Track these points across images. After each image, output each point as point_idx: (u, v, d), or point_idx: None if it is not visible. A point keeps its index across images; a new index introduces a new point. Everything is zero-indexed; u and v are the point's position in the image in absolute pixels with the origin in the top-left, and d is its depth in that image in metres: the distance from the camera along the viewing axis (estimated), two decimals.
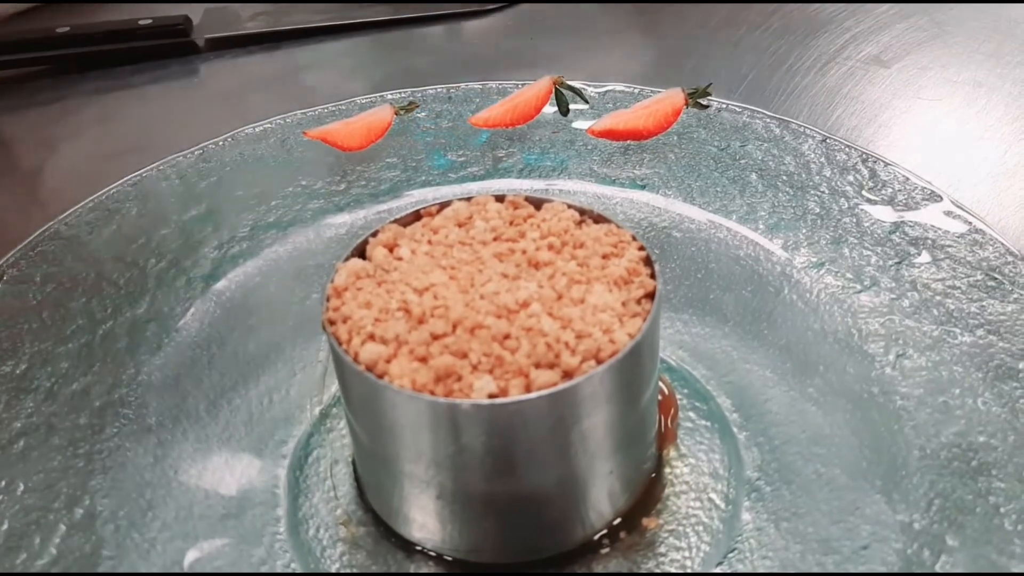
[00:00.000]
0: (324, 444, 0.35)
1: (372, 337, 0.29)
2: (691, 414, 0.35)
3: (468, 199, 0.35)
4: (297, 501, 0.33)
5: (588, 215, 0.34)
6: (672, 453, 0.34)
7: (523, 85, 0.50)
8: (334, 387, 0.37)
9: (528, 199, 0.34)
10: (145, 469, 0.32)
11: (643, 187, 0.44)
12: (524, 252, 0.32)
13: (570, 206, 0.34)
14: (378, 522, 0.32)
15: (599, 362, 0.28)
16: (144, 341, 0.37)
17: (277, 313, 0.39)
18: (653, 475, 0.33)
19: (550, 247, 0.32)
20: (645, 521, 0.31)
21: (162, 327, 0.38)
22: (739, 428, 0.34)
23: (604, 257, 0.32)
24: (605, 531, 0.31)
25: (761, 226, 0.41)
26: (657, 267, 0.31)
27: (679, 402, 0.36)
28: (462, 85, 0.52)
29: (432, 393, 0.27)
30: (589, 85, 0.50)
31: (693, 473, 0.33)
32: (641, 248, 0.32)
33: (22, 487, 0.31)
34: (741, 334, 0.38)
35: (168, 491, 0.32)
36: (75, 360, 0.36)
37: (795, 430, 0.33)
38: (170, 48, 0.66)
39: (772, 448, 0.33)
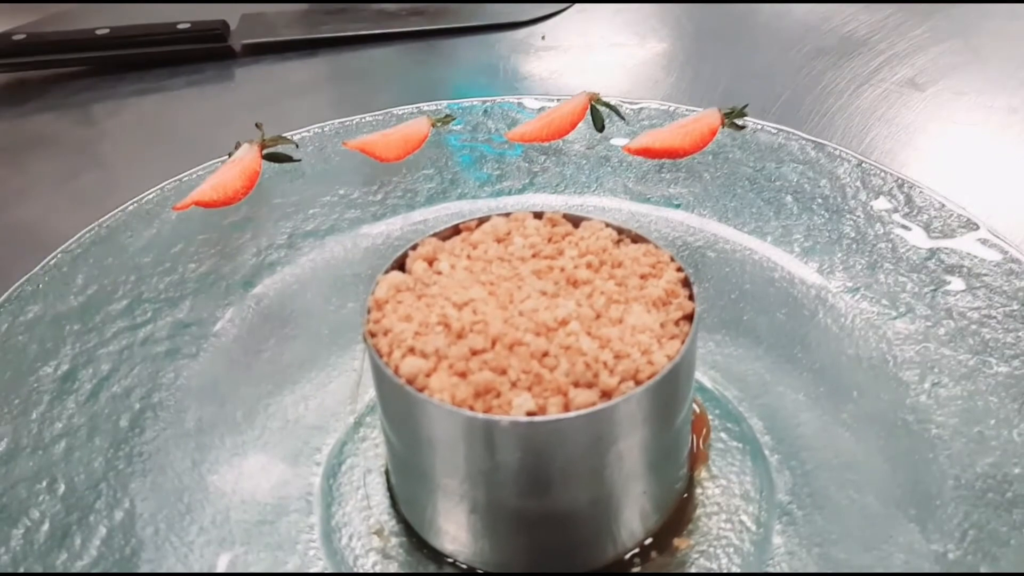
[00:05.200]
0: (358, 453, 0.35)
1: (412, 351, 0.29)
2: (723, 435, 0.35)
3: (507, 215, 0.35)
4: (330, 509, 0.33)
5: (626, 234, 0.34)
6: (703, 474, 0.34)
7: (558, 100, 0.51)
8: (368, 396, 0.37)
9: (566, 216, 0.35)
10: (184, 473, 0.33)
11: (678, 206, 0.44)
12: (562, 270, 0.32)
13: (608, 225, 0.34)
14: (410, 533, 0.32)
15: (637, 383, 0.28)
16: (183, 345, 0.37)
17: (313, 321, 0.40)
18: (684, 495, 0.33)
19: (588, 266, 0.32)
20: (676, 541, 0.32)
21: (200, 332, 0.38)
22: (771, 451, 0.34)
23: (642, 277, 0.32)
24: (636, 550, 0.31)
25: (796, 249, 0.41)
26: (696, 289, 0.31)
27: (711, 423, 0.36)
28: (498, 99, 0.52)
29: (471, 409, 0.28)
30: (624, 102, 0.50)
31: (724, 495, 0.33)
32: (679, 269, 0.32)
33: (63, 487, 0.31)
34: (774, 357, 0.38)
35: (206, 496, 0.32)
36: (116, 362, 0.36)
37: (828, 455, 0.34)
38: (207, 52, 0.67)
39: (804, 472, 0.33)
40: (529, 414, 0.27)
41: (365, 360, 0.36)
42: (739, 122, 0.48)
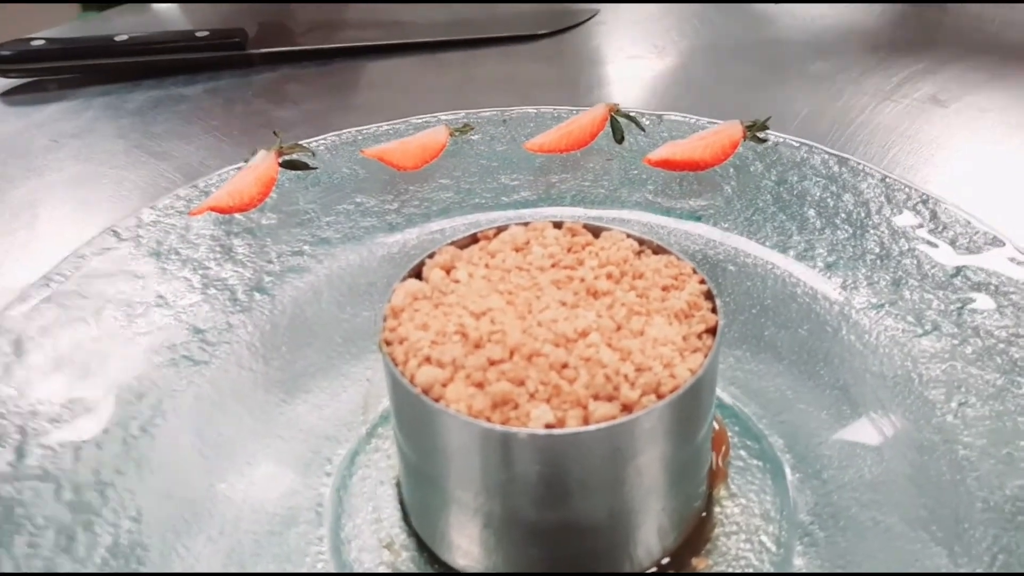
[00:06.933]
0: (369, 464, 0.35)
1: (428, 360, 0.29)
2: (742, 452, 0.35)
3: (525, 224, 0.34)
4: (340, 521, 0.32)
5: (647, 245, 0.33)
6: (722, 492, 0.33)
7: (577, 111, 0.50)
8: (379, 407, 0.37)
9: (586, 227, 0.34)
10: (193, 482, 0.32)
11: (698, 219, 0.43)
12: (582, 280, 0.31)
13: (629, 235, 0.34)
14: (421, 547, 0.32)
15: (659, 397, 0.27)
16: (196, 352, 0.37)
17: (326, 330, 0.39)
18: (703, 514, 0.32)
19: (609, 276, 0.32)
20: (694, 561, 0.31)
21: (213, 339, 0.37)
22: (792, 469, 0.34)
23: (664, 289, 0.31)
24: (653, 569, 0.31)
25: (819, 264, 0.40)
26: (719, 302, 0.30)
27: (730, 439, 0.35)
28: (516, 109, 0.52)
29: (488, 420, 0.27)
30: (644, 114, 0.50)
31: (744, 514, 0.32)
32: (702, 281, 0.31)
33: (69, 493, 0.31)
34: (796, 373, 0.37)
35: (214, 505, 0.32)
36: (127, 367, 0.36)
37: (851, 475, 0.33)
38: (225, 60, 0.67)
39: (826, 492, 0.33)
40: (548, 426, 0.27)
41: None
42: (761, 135, 0.47)
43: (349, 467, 0.34)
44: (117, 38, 0.66)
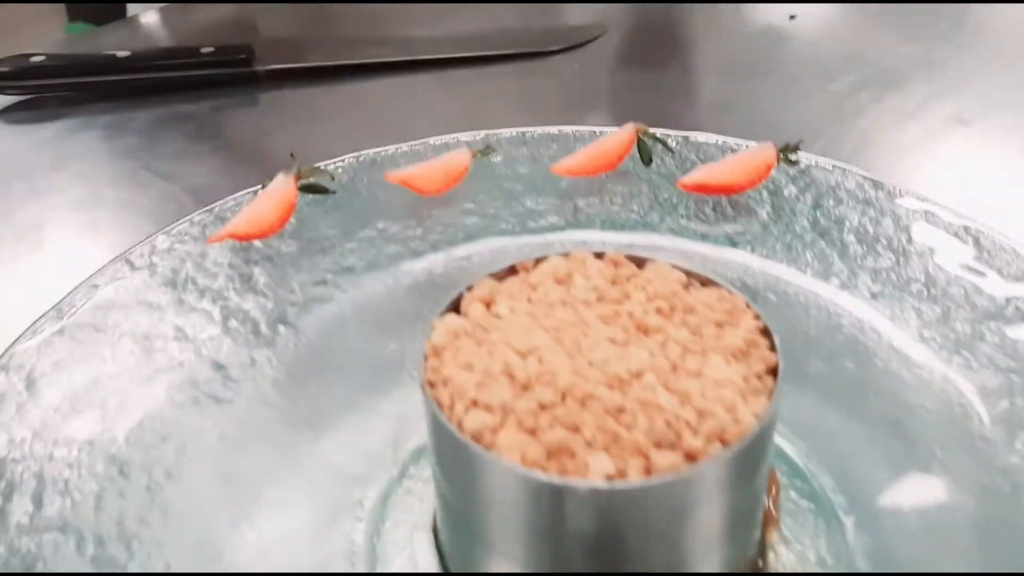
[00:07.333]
0: (402, 507, 0.33)
1: (475, 403, 0.27)
2: (792, 494, 0.33)
3: (565, 255, 0.33)
4: (375, 570, 0.31)
5: (694, 277, 0.32)
6: (775, 536, 0.32)
7: (599, 132, 0.49)
8: (411, 445, 0.35)
9: (629, 257, 0.33)
10: (220, 528, 0.30)
11: (734, 245, 0.42)
12: (631, 315, 0.30)
13: (675, 267, 0.32)
14: None
15: (724, 444, 0.26)
16: (218, 389, 0.35)
17: (353, 363, 0.37)
18: (757, 561, 0.31)
19: (658, 311, 0.30)
20: None
21: (236, 375, 0.36)
22: (846, 512, 0.32)
23: (718, 325, 0.30)
24: None
25: (865, 293, 0.39)
26: (777, 339, 0.29)
27: (779, 480, 0.34)
28: (537, 129, 0.50)
29: (544, 470, 0.25)
30: (671, 135, 0.48)
31: (800, 561, 0.31)
32: (757, 317, 0.30)
33: (92, 547, 0.29)
34: (845, 410, 0.35)
35: (246, 556, 0.30)
36: (148, 408, 0.34)
37: (911, 519, 0.31)
38: (231, 78, 0.65)
39: (885, 537, 0.31)
40: (607, 477, 0.25)
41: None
42: (793, 157, 0.46)
43: (382, 511, 0.33)
44: (119, 54, 0.64)
